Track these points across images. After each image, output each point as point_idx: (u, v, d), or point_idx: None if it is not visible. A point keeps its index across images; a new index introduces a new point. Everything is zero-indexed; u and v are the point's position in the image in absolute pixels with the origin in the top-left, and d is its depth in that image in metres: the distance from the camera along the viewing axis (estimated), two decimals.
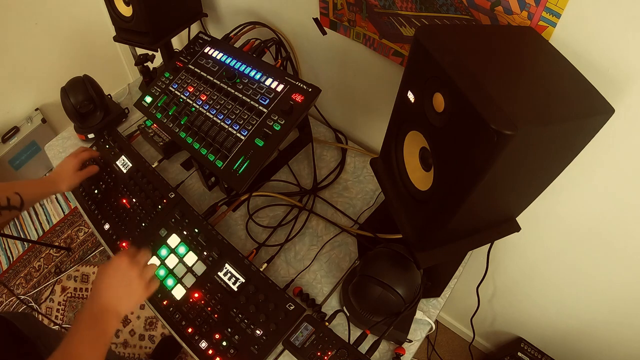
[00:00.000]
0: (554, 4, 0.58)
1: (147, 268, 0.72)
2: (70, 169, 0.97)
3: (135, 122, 1.25)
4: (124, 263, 0.70)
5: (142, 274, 0.70)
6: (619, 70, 0.59)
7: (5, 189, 0.83)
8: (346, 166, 1.10)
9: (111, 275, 0.69)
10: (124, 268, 0.69)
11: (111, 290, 0.67)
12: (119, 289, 0.68)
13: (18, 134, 2.02)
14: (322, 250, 0.95)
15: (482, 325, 1.46)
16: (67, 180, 0.96)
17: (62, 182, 0.95)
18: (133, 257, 0.71)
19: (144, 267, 0.72)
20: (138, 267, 0.70)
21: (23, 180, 0.94)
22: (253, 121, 0.85)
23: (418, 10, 0.75)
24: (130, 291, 0.69)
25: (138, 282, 0.69)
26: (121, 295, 0.68)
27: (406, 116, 0.60)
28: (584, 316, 1.09)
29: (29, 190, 0.87)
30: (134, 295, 0.69)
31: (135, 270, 0.70)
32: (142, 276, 0.70)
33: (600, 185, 0.77)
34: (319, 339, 0.71)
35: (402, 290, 0.72)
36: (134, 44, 1.09)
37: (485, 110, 0.42)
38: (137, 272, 0.70)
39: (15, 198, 0.83)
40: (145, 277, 0.71)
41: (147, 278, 0.71)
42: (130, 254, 0.72)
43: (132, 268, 0.70)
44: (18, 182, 0.88)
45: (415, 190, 0.62)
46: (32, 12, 1.81)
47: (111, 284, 0.68)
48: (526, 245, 1.03)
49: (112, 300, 0.66)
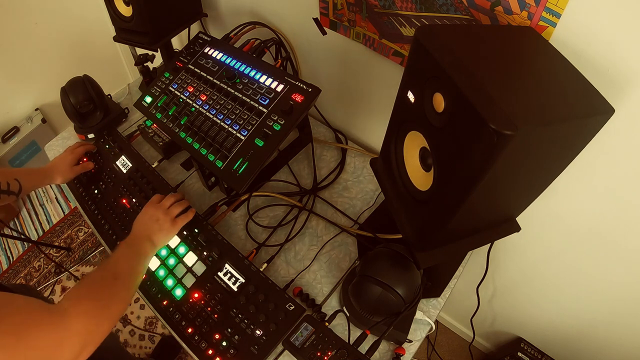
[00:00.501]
0: (554, 4, 0.58)
1: (172, 207, 0.85)
2: (66, 164, 1.01)
3: (135, 122, 1.25)
4: (151, 206, 0.85)
5: (167, 212, 0.84)
6: (619, 70, 0.59)
7: (5, 174, 0.88)
8: (346, 166, 1.10)
9: (141, 219, 0.83)
10: (151, 209, 0.84)
11: (142, 226, 0.82)
12: (148, 224, 0.82)
13: (18, 134, 2.02)
14: (322, 250, 0.94)
15: (482, 325, 1.46)
16: (63, 174, 1.01)
17: (57, 175, 1.00)
18: (159, 202, 0.86)
19: (169, 207, 0.85)
20: (163, 207, 0.84)
21: (22, 168, 0.99)
22: (253, 121, 0.85)
23: (418, 10, 0.75)
24: (159, 226, 0.82)
25: (164, 219, 0.83)
26: (152, 229, 0.81)
27: (406, 116, 0.60)
28: (584, 316, 1.09)
29: (27, 178, 0.93)
30: (163, 229, 0.82)
31: (160, 210, 0.84)
32: (167, 214, 0.83)
33: (600, 185, 0.76)
34: (319, 339, 0.71)
35: (402, 290, 0.72)
36: (134, 44, 1.09)
37: (485, 110, 0.42)
38: (162, 210, 0.84)
39: (14, 184, 0.88)
40: (170, 214, 0.84)
41: (172, 214, 0.84)
42: (157, 199, 0.87)
43: (158, 208, 0.84)
44: (17, 170, 0.93)
45: (415, 190, 0.62)
46: (32, 12, 1.81)
47: (142, 222, 0.83)
48: (526, 245, 1.03)
49: (144, 231, 0.81)
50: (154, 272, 0.87)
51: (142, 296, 0.86)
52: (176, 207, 0.86)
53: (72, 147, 1.06)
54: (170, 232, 0.83)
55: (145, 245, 0.78)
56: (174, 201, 0.87)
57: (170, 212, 0.84)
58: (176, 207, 0.86)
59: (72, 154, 1.03)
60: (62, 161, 1.02)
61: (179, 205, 0.86)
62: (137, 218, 0.84)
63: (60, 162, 1.01)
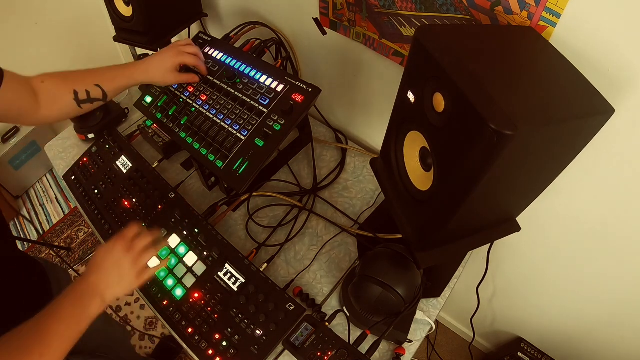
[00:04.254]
0: (554, 4, 0.58)
1: (143, 254, 0.68)
2: (168, 66, 0.86)
3: (135, 122, 1.25)
4: (118, 246, 0.67)
5: (136, 260, 0.67)
6: (619, 70, 0.59)
7: (85, 80, 0.79)
8: (346, 166, 1.10)
9: (104, 257, 0.66)
10: (118, 252, 0.66)
11: (101, 273, 0.65)
12: (109, 272, 0.65)
13: (18, 134, 2.02)
14: (322, 250, 0.94)
15: (482, 325, 1.46)
16: (162, 77, 0.87)
17: (155, 75, 0.86)
18: (131, 241, 0.68)
19: (140, 252, 0.68)
20: (132, 253, 0.67)
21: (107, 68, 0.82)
22: (253, 121, 0.85)
23: (418, 10, 0.75)
24: (120, 277, 0.65)
25: (129, 269, 0.66)
26: (110, 279, 0.65)
27: (406, 116, 0.60)
28: (584, 316, 1.09)
29: (112, 83, 0.82)
30: (123, 282, 0.66)
31: (129, 256, 0.66)
32: (135, 263, 0.66)
33: (600, 186, 0.76)
34: (319, 339, 0.71)
35: (402, 290, 0.72)
36: (134, 43, 1.09)
37: (485, 110, 0.42)
38: (130, 258, 0.66)
39: (95, 91, 0.80)
40: (138, 265, 0.67)
41: (140, 266, 0.67)
42: (129, 237, 0.69)
43: (127, 253, 0.66)
44: (100, 71, 0.82)
45: (415, 190, 0.62)
46: (32, 11, 1.81)
47: (102, 267, 0.65)
48: (526, 246, 1.03)
49: (100, 282, 0.64)
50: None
51: (142, 296, 0.86)
52: (149, 251, 0.70)
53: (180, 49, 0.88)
54: (131, 286, 0.67)
55: (94, 305, 0.62)
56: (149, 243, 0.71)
57: (140, 260, 0.68)
58: (149, 251, 0.70)
59: (178, 56, 0.87)
60: (164, 62, 0.86)
61: (152, 250, 0.71)
62: (98, 255, 0.67)
63: (162, 62, 0.86)
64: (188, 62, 0.88)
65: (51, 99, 0.77)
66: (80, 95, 0.78)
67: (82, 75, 0.80)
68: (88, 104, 0.80)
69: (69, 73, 0.80)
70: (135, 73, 0.84)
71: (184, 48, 0.89)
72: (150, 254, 0.70)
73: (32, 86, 0.75)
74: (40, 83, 0.76)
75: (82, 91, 0.78)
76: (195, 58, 0.89)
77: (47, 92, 0.76)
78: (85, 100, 0.79)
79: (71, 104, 0.78)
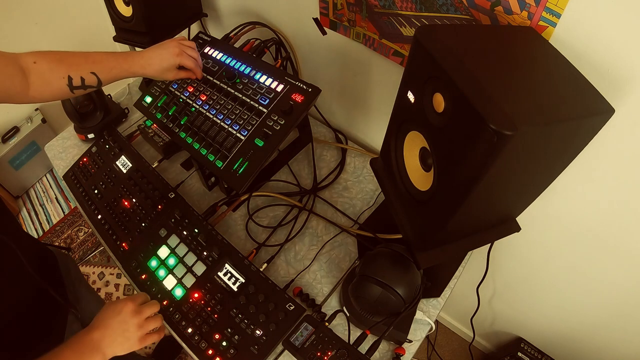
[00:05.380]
0: (554, 4, 0.58)
1: (149, 320, 0.71)
2: (168, 65, 0.85)
3: (135, 122, 1.25)
4: (128, 308, 0.69)
5: (142, 324, 0.70)
6: (619, 70, 0.59)
7: (81, 66, 0.77)
8: (346, 166, 1.10)
9: (111, 316, 0.69)
10: (127, 313, 0.69)
11: (107, 330, 0.67)
12: (114, 331, 0.67)
13: (18, 134, 2.02)
14: (322, 250, 0.94)
15: (482, 325, 1.46)
16: (160, 74, 0.85)
17: (154, 71, 0.84)
18: (139, 305, 0.71)
19: (146, 318, 0.71)
20: (140, 317, 0.70)
21: (106, 55, 0.80)
22: (253, 121, 0.85)
23: (418, 10, 0.75)
24: (125, 337, 0.68)
25: (134, 331, 0.68)
26: (114, 338, 0.67)
27: (406, 116, 0.60)
28: (584, 316, 1.09)
29: (109, 72, 0.79)
30: (127, 342, 0.68)
31: (136, 319, 0.69)
32: (141, 327, 0.69)
33: (600, 186, 0.76)
34: (319, 339, 0.71)
35: (402, 290, 0.72)
36: (134, 44, 1.09)
37: (485, 110, 0.42)
38: (137, 321, 0.69)
39: (90, 78, 0.77)
40: (143, 329, 0.70)
41: (145, 330, 0.70)
42: (139, 301, 0.72)
43: (134, 316, 0.69)
44: (98, 57, 0.79)
45: (415, 190, 0.62)
46: (32, 12, 1.81)
47: (109, 325, 0.67)
48: (526, 246, 1.03)
49: (104, 339, 0.66)
50: (154, 272, 0.87)
51: None
52: (155, 320, 0.72)
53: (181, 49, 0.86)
54: (132, 348, 0.69)
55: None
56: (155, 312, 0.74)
57: (144, 327, 0.70)
58: (155, 320, 0.72)
59: (179, 56, 0.85)
60: (165, 60, 0.84)
61: (157, 319, 0.73)
62: (106, 312, 0.69)
63: (162, 58, 0.84)
64: (187, 64, 0.88)
65: (43, 82, 0.74)
66: (75, 81, 0.76)
67: (79, 60, 0.77)
68: (81, 90, 0.78)
69: (65, 55, 0.77)
70: (134, 66, 0.82)
71: (186, 49, 0.87)
72: (156, 322, 0.72)
73: (22, 65, 0.72)
74: (33, 63, 0.73)
75: (76, 77, 0.76)
76: (194, 62, 0.89)
77: (40, 74, 0.74)
78: (78, 87, 0.77)
79: (64, 88, 0.76)
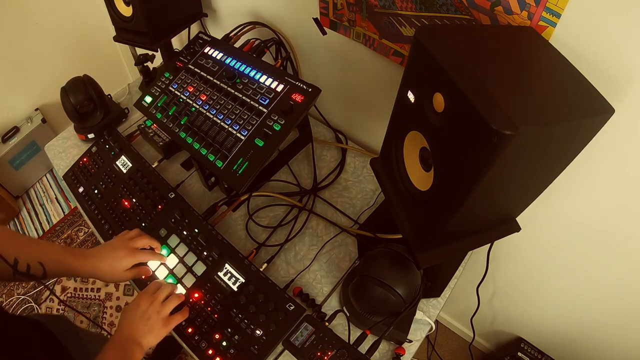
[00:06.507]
0: (554, 4, 0.58)
1: (165, 304, 0.76)
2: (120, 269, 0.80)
3: (135, 122, 1.25)
4: (143, 301, 0.75)
5: (159, 310, 0.75)
6: (619, 70, 0.59)
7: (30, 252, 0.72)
8: (346, 166, 1.10)
9: (131, 313, 0.74)
10: (143, 305, 0.75)
11: (132, 325, 0.72)
12: (137, 324, 0.73)
13: (18, 134, 2.02)
14: (322, 250, 0.94)
15: (482, 325, 1.46)
16: (110, 277, 0.80)
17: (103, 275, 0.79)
18: (152, 294, 0.77)
19: (162, 303, 0.76)
20: (156, 303, 0.75)
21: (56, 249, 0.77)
22: (253, 121, 0.85)
23: (418, 10, 0.75)
24: (149, 327, 0.73)
25: (156, 319, 0.74)
26: (141, 329, 0.72)
27: (406, 116, 0.60)
28: (584, 316, 1.09)
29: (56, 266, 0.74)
30: (153, 330, 0.73)
31: (153, 308, 0.74)
32: (159, 313, 0.75)
33: (600, 186, 0.76)
34: (319, 339, 0.71)
35: (402, 290, 0.72)
36: (134, 44, 1.09)
37: (485, 110, 0.42)
38: (155, 309, 0.75)
39: (36, 268, 0.72)
40: (162, 314, 0.75)
41: (164, 314, 0.75)
42: (152, 290, 0.78)
43: (151, 304, 0.75)
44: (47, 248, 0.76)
45: (415, 190, 0.62)
46: (32, 12, 1.81)
47: (132, 320, 0.73)
48: (526, 246, 1.03)
49: (133, 333, 0.71)
50: (154, 272, 0.87)
51: None
52: (171, 301, 0.76)
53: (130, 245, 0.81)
54: (160, 334, 0.73)
55: (136, 351, 0.69)
56: (169, 293, 0.78)
57: (163, 310, 0.75)
58: (171, 301, 0.76)
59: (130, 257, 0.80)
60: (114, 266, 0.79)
61: (174, 299, 0.77)
62: (127, 311, 0.74)
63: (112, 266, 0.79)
64: (143, 260, 0.83)
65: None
66: (20, 266, 0.70)
67: (28, 246, 0.73)
68: (24, 277, 0.71)
69: (17, 235, 0.75)
70: (82, 267, 0.77)
71: (135, 243, 0.82)
72: (172, 303, 0.77)
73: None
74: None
75: (23, 263, 0.70)
76: (148, 254, 0.84)
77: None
78: (22, 273, 0.70)
79: (6, 269, 0.68)
